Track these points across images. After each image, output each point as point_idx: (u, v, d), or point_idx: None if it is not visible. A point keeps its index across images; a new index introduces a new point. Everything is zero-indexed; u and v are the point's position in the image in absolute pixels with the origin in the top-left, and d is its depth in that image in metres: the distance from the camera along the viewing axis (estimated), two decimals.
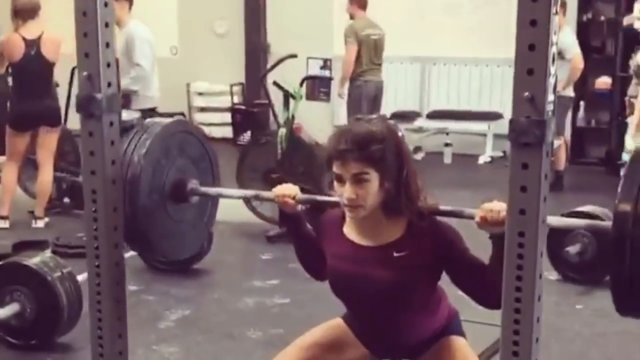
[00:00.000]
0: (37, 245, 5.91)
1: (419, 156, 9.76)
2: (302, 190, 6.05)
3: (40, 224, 6.91)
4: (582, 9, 9.93)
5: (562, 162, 8.46)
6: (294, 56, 7.19)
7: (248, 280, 5.67)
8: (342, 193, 2.51)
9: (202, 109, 11.90)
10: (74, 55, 2.58)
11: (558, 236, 5.57)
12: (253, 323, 4.88)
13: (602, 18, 9.96)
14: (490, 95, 10.60)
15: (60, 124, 7.17)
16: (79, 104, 2.60)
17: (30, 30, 6.62)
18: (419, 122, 10.55)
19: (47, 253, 4.82)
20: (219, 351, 4.53)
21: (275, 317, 4.99)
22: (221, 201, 7.52)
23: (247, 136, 10.97)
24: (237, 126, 11.24)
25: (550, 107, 2.11)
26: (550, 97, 2.10)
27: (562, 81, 7.96)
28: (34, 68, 6.65)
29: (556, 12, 2.08)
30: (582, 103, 9.86)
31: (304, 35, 10.98)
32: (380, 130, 2.52)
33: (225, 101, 11.61)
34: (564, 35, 7.99)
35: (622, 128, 6.23)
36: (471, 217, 2.45)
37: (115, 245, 2.66)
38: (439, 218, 2.63)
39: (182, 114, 11.08)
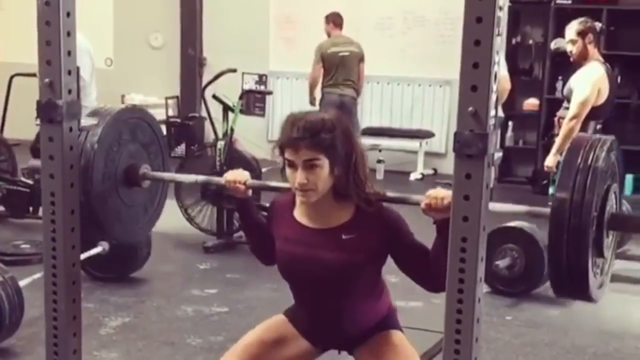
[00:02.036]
0: None
1: None
2: None
3: None
4: (511, 33, 10.22)
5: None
6: (233, 70, 7.30)
7: (186, 289, 5.75)
8: (294, 178, 2.63)
9: None
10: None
11: (488, 251, 5.75)
12: (192, 330, 4.96)
13: (531, 42, 10.29)
14: (422, 114, 10.83)
15: None
16: (39, 109, 2.67)
17: None
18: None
19: None
20: (159, 357, 4.60)
21: (214, 325, 5.08)
22: None
23: (181, 149, 11.03)
24: (172, 139, 11.28)
25: (492, 122, 2.26)
26: (492, 112, 2.26)
27: None
28: None
29: (499, 34, 2.23)
30: (510, 123, 10.15)
31: (240, 50, 11.12)
32: (331, 119, 2.67)
33: (160, 114, 11.63)
34: None
35: (549, 148, 6.46)
36: (417, 204, 2.59)
37: (72, 246, 2.74)
38: (385, 205, 2.77)
39: None
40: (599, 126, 6.17)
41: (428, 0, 10.56)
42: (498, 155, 7.60)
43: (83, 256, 5.55)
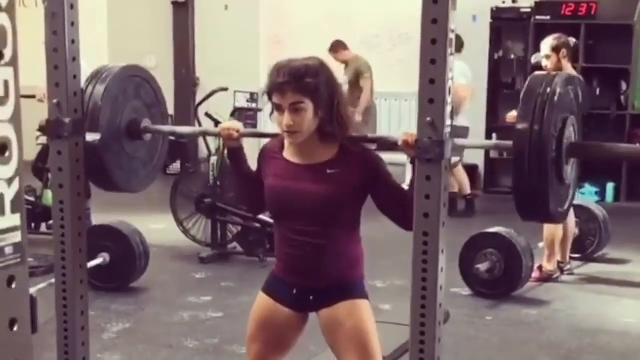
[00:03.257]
0: None
1: None
2: (234, 214, 6.66)
3: None
4: (493, 48, 10.58)
5: (466, 186, 9.12)
6: (224, 89, 7.63)
7: (183, 297, 6.04)
8: (282, 121, 2.91)
9: None
10: None
11: (469, 255, 6.10)
12: (189, 334, 5.26)
13: (512, 56, 10.63)
14: (409, 127, 11.09)
15: None
16: (48, 126, 2.99)
17: None
18: None
19: None
20: (159, 358, 4.90)
21: (209, 329, 5.38)
22: (155, 226, 7.91)
23: (176, 166, 11.33)
24: (167, 156, 11.55)
25: (447, 130, 2.58)
26: (448, 122, 2.58)
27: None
28: None
29: (452, 54, 2.56)
30: (494, 135, 10.47)
31: (232, 70, 11.39)
32: (314, 65, 2.94)
33: None
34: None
35: None
36: (395, 143, 2.87)
37: (79, 249, 3.05)
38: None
39: None
40: None
41: (412, 18, 10.89)
42: (455, 159, 7.83)
43: None
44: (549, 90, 2.71)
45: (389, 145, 3.01)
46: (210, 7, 12.03)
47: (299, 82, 2.87)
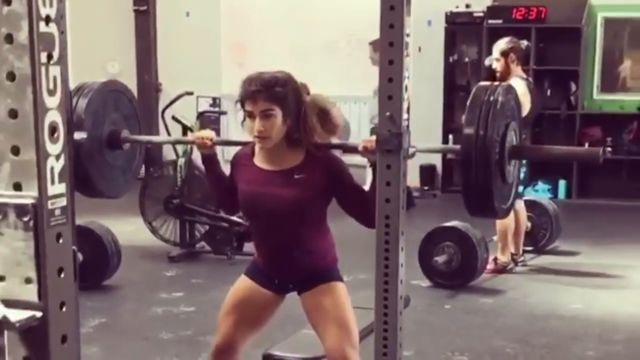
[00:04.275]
0: None
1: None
2: (202, 214, 6.93)
3: None
4: (448, 52, 10.94)
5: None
6: (190, 93, 7.90)
7: (155, 293, 6.29)
8: (253, 127, 3.19)
9: None
10: None
11: (427, 248, 6.42)
12: (164, 327, 5.51)
13: (467, 59, 11.00)
14: (368, 130, 11.45)
15: None
16: None
17: None
18: None
19: None
20: (135, 350, 5.15)
21: (183, 322, 5.63)
22: (125, 227, 8.13)
23: (141, 171, 11.53)
24: None
25: (405, 123, 2.88)
26: (405, 115, 2.88)
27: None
28: None
29: (407, 55, 2.85)
30: (450, 136, 10.81)
31: (194, 75, 11.65)
32: (283, 77, 3.24)
33: None
34: None
35: None
36: (355, 148, 3.18)
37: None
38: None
39: None
40: (524, 136, 6.80)
41: (368, 24, 11.21)
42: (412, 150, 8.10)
43: None
44: (492, 98, 3.05)
45: (350, 150, 3.32)
46: (172, 13, 12.27)
47: (269, 90, 3.17)
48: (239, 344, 3.45)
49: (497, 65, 6.90)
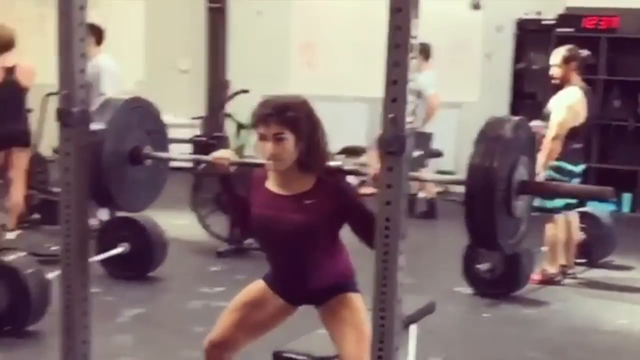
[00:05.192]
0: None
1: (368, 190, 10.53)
2: None
3: (11, 235, 7.50)
4: (516, 59, 10.80)
5: (432, 192, 9.51)
6: (245, 91, 7.98)
7: (197, 287, 6.36)
8: (265, 149, 3.20)
9: None
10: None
11: (471, 255, 6.34)
12: (199, 321, 5.55)
13: (535, 67, 10.83)
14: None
15: (30, 145, 7.74)
16: (59, 115, 3.30)
17: (8, 60, 7.29)
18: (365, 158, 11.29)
19: (20, 253, 5.45)
20: (168, 341, 5.21)
21: (219, 317, 5.65)
22: (179, 221, 8.20)
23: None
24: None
25: (408, 126, 2.85)
26: (409, 118, 2.85)
27: (419, 118, 9.09)
28: (9, 93, 7.29)
29: (413, 57, 2.83)
30: None
31: (262, 73, 11.73)
32: (297, 102, 3.27)
33: (186, 133, 12.31)
34: (424, 78, 8.94)
35: None
36: (365, 174, 3.18)
37: (83, 233, 3.35)
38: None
39: None
40: (577, 145, 6.69)
41: (433, 27, 11.13)
42: (418, 152, 7.89)
43: (105, 255, 6.25)
44: (500, 131, 3.01)
45: (361, 175, 3.33)
46: (244, 11, 12.37)
47: (281, 114, 3.18)
48: (234, 344, 3.50)
49: (556, 73, 6.79)
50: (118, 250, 6.34)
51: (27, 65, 7.36)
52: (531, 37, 10.83)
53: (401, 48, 2.80)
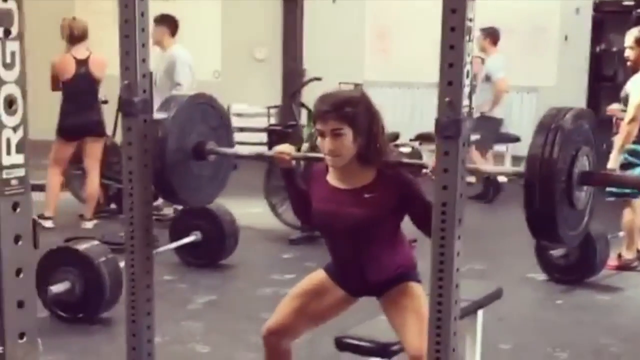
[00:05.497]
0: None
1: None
2: None
3: (89, 225, 7.66)
4: (595, 41, 10.60)
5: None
6: (318, 79, 7.95)
7: (268, 274, 6.41)
8: (324, 145, 3.21)
9: (241, 129, 12.64)
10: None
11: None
12: (269, 308, 5.47)
13: (614, 49, 10.62)
14: (510, 119, 11.25)
15: (104, 135, 7.88)
16: (121, 105, 3.36)
17: (80, 51, 7.44)
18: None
19: (94, 241, 5.56)
20: (237, 327, 5.26)
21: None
22: (249, 210, 8.26)
23: None
24: (273, 145, 11.98)
25: (465, 110, 2.82)
26: (465, 102, 2.82)
27: (488, 102, 8.90)
28: (83, 85, 7.44)
29: (470, 40, 2.79)
30: None
31: (337, 62, 11.73)
32: (355, 96, 3.27)
33: (262, 122, 12.40)
34: (492, 61, 8.78)
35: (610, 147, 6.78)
36: (424, 166, 3.18)
37: (146, 215, 3.41)
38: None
39: None
40: None
41: (511, 14, 10.99)
42: (474, 137, 7.26)
43: (179, 243, 6.34)
44: (561, 121, 2.96)
45: (420, 169, 3.29)
46: (319, 0, 12.40)
47: (338, 110, 3.18)
48: (292, 332, 3.51)
49: (631, 54, 6.63)
50: (191, 238, 6.42)
51: (99, 57, 7.50)
52: (610, 18, 10.64)
53: (457, 31, 2.76)
